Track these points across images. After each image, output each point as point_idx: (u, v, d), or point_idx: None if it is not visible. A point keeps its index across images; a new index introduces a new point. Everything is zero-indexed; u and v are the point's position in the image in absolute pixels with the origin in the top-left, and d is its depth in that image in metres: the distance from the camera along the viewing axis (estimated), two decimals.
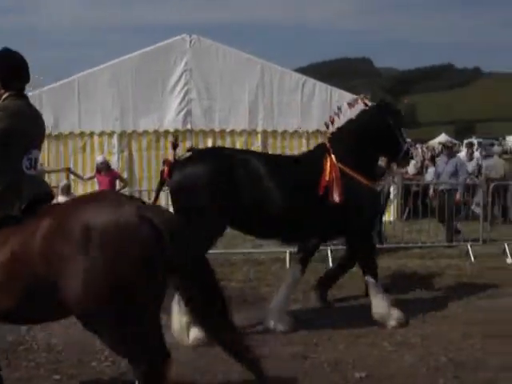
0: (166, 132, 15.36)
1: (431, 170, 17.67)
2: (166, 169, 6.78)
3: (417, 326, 7.28)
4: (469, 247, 11.37)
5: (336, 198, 7.00)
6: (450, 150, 13.86)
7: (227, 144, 15.44)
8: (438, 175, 13.61)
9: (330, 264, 10.15)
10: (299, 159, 7.64)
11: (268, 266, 10.42)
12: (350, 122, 7.68)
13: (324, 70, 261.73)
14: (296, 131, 15.74)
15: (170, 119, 15.48)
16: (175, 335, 6.52)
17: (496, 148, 22.02)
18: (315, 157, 7.37)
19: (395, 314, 7.29)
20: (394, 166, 9.93)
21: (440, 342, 6.71)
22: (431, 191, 13.43)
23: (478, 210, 13.27)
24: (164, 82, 15.41)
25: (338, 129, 7.69)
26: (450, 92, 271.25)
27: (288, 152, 15.37)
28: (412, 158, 10.05)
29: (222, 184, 6.65)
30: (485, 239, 11.76)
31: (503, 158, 19.83)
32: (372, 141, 7.49)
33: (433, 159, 23.27)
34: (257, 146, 15.58)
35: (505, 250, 11.27)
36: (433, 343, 6.66)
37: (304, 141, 15.57)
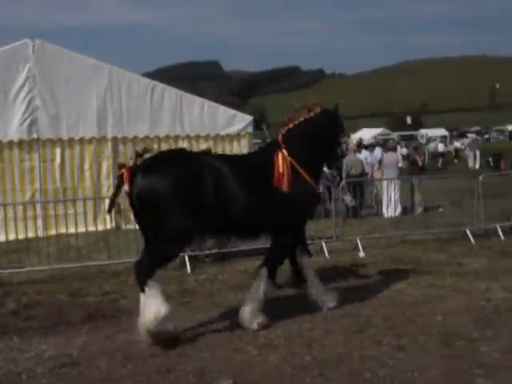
0: (11, 142, 14.57)
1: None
2: (125, 173, 6.74)
3: (278, 327, 7.27)
4: (323, 244, 11.63)
5: (285, 188, 7.23)
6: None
7: (76, 153, 14.93)
8: None
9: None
10: (254, 156, 8.14)
11: (125, 278, 10.11)
12: (303, 122, 7.82)
13: (171, 74, 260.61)
14: (147, 137, 15.48)
15: (14, 129, 14.69)
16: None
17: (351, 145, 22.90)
18: (269, 152, 7.59)
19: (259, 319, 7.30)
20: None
21: (303, 340, 6.76)
22: None
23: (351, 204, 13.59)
24: (6, 89, 14.61)
25: (292, 127, 7.80)
26: (297, 93, 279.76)
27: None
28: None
29: (190, 187, 6.73)
30: (338, 235, 12.06)
31: None
32: (320, 143, 7.76)
33: None
34: (107, 153, 15.18)
35: (357, 244, 11.66)
36: (296, 343, 6.69)
37: (155, 146, 15.33)
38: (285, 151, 7.45)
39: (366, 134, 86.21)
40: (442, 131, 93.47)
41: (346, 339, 6.72)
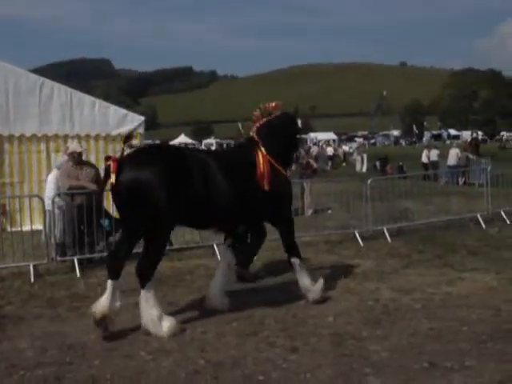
0: None
1: None
2: (112, 164, 6.75)
3: None
4: (215, 246, 11.60)
5: (266, 186, 7.76)
6: None
7: None
8: None
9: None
10: (235, 152, 8.61)
11: (10, 282, 9.70)
12: (271, 120, 8.43)
13: (62, 70, 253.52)
14: (34, 135, 14.92)
15: None
16: (149, 328, 6.94)
17: None
18: (249, 149, 8.06)
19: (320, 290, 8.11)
20: None
21: (196, 344, 6.71)
22: None
23: None
24: None
25: (264, 124, 8.36)
26: (189, 94, 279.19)
27: (26, 157, 14.62)
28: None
29: (177, 180, 6.89)
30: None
31: None
32: (287, 140, 8.47)
33: None
34: None
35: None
36: (189, 347, 6.63)
37: (43, 145, 14.83)
38: (262, 148, 8.01)
39: None
40: (330, 135, 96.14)
41: (240, 342, 6.73)
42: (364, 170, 37.11)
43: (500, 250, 11.22)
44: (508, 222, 13.97)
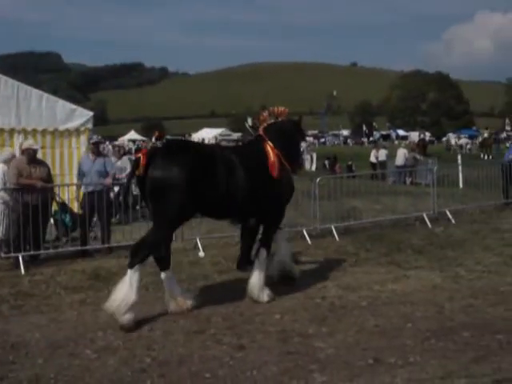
0: None
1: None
2: (142, 157, 7.27)
3: (117, 329, 7.12)
4: None
5: (275, 173, 8.21)
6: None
7: None
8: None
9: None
10: (249, 147, 8.99)
11: None
12: (280, 123, 8.99)
13: (8, 63, 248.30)
14: None
15: None
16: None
17: None
18: (259, 145, 8.55)
19: (267, 291, 8.21)
20: None
21: (143, 342, 6.67)
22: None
23: None
24: None
25: (271, 124, 8.89)
26: (140, 90, 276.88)
27: None
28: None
29: (203, 174, 7.42)
30: (177, 235, 11.94)
31: None
32: (292, 143, 8.99)
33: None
34: None
35: (197, 244, 11.68)
36: (136, 345, 6.60)
37: None
38: (270, 143, 8.47)
39: (208, 133, 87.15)
40: None
41: (187, 340, 6.73)
42: (313, 168, 37.29)
43: (445, 248, 11.44)
44: (453, 222, 14.23)
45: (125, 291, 7.14)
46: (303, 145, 12.88)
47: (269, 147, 8.43)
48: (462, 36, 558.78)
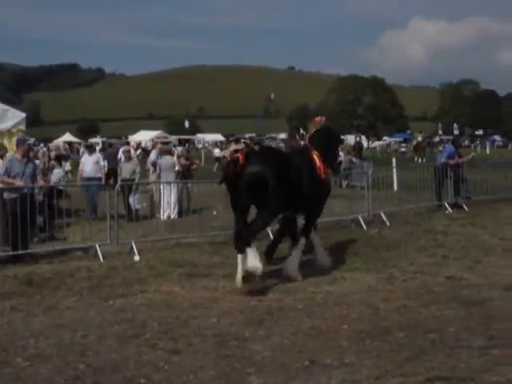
0: None
1: (57, 170, 17.39)
2: (241, 157, 8.87)
3: (50, 336, 6.94)
4: (97, 247, 11.36)
5: (323, 175, 10.00)
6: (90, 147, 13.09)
7: None
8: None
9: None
10: (300, 154, 10.48)
11: None
12: (318, 131, 10.84)
13: None
14: None
15: None
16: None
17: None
18: (306, 152, 10.37)
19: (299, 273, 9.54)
20: None
21: (76, 349, 6.52)
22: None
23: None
24: None
25: (314, 134, 10.79)
26: (75, 91, 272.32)
27: None
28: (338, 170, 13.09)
29: (285, 173, 9.13)
30: (112, 238, 11.80)
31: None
32: (330, 147, 10.73)
33: (58, 159, 22.93)
34: None
35: (132, 248, 11.51)
36: (69, 351, 6.44)
37: None
38: (315, 152, 10.14)
39: (145, 136, 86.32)
40: (218, 136, 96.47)
41: (121, 345, 6.61)
42: None
43: (379, 250, 11.62)
44: (388, 224, 14.48)
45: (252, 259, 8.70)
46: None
47: (314, 154, 10.10)
48: (397, 42, 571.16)
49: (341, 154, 26.94)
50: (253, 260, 8.67)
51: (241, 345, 6.58)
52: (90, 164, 17.31)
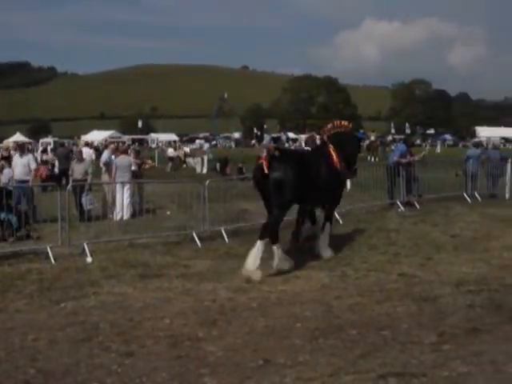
0: None
1: (6, 170, 16.99)
2: (265, 162, 9.99)
3: None
4: (48, 249, 11.16)
5: (337, 170, 11.10)
6: (22, 148, 12.89)
7: None
8: None
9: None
10: (318, 151, 11.82)
11: None
12: (342, 133, 11.77)
13: None
14: None
15: None
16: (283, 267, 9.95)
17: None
18: (323, 148, 11.53)
19: (329, 251, 11.15)
20: None
21: (27, 353, 6.41)
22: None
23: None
24: None
25: (335, 133, 11.67)
26: (26, 90, 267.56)
27: None
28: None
29: (304, 173, 10.23)
30: (64, 240, 11.59)
31: None
32: (349, 147, 11.74)
33: (7, 159, 22.46)
34: None
35: (84, 249, 11.33)
36: (19, 356, 6.32)
37: None
38: (332, 147, 11.27)
39: (98, 136, 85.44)
40: (172, 136, 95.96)
41: (73, 348, 6.52)
42: (204, 171, 37.27)
43: (332, 248, 11.67)
44: (341, 222, 14.56)
45: (254, 255, 9.75)
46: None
47: (331, 150, 11.20)
48: (351, 41, 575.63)
49: None
50: (278, 260, 9.96)
51: (194, 345, 6.55)
52: (20, 166, 16.50)
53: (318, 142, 13.15)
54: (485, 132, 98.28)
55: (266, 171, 9.96)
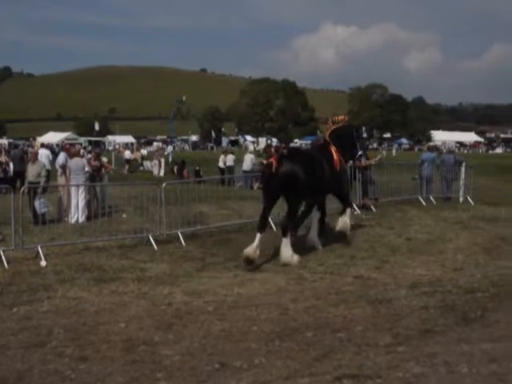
0: None
1: None
2: (274, 162, 10.86)
3: None
4: (1, 253, 10.94)
5: (337, 168, 12.10)
6: None
7: None
8: None
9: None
10: (322, 148, 12.61)
11: None
12: (339, 128, 12.86)
13: None
14: None
15: None
16: (287, 261, 10.69)
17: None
18: (326, 147, 12.50)
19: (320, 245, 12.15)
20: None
21: None
22: None
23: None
24: None
25: (334, 130, 12.80)
26: None
27: None
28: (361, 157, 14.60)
29: (311, 171, 11.15)
30: (17, 244, 11.36)
31: None
32: (348, 143, 12.92)
33: None
34: None
35: (38, 253, 11.14)
36: None
37: None
38: (333, 147, 12.36)
39: (54, 137, 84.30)
40: (129, 138, 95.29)
41: (26, 354, 6.41)
42: (161, 174, 37.03)
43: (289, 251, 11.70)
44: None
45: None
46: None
47: (333, 148, 12.29)
48: (309, 46, 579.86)
49: (251, 156, 27.23)
50: (285, 252, 10.75)
51: (150, 350, 6.50)
52: None
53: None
54: (440, 136, 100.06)
55: (274, 168, 10.75)
